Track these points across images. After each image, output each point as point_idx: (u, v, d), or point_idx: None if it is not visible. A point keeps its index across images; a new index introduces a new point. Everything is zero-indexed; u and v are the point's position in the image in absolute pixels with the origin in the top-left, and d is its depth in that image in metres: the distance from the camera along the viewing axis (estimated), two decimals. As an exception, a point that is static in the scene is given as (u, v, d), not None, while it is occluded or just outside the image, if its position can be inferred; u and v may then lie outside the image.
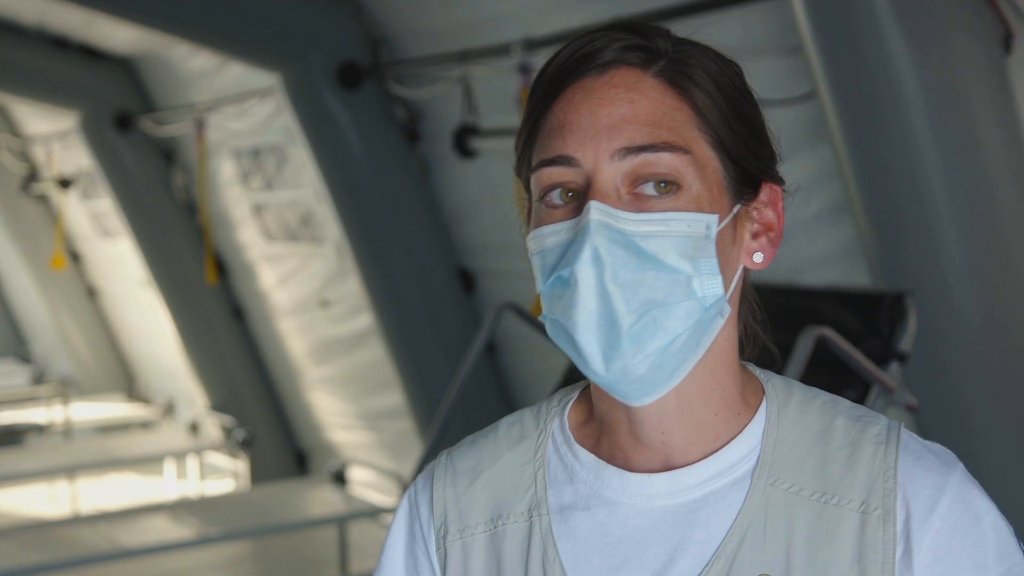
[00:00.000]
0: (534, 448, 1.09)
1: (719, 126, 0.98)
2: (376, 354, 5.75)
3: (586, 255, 0.94)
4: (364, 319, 5.76)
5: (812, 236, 3.53)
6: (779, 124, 1.03)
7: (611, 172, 0.96)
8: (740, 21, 3.40)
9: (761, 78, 1.03)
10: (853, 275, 3.42)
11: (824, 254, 3.54)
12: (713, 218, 0.97)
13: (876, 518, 0.97)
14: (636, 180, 0.96)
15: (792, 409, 1.04)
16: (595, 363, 0.96)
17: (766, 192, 1.03)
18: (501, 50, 4.15)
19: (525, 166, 1.03)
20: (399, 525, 1.13)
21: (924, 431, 3.04)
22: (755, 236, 1.03)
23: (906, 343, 2.86)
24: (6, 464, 6.46)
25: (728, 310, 0.99)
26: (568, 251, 0.96)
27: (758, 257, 1.02)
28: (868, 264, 3.19)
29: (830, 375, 2.75)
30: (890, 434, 1.01)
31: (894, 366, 2.85)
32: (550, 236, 0.98)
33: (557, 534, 1.05)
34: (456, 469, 1.11)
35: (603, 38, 0.99)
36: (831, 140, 3.06)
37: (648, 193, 0.96)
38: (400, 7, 4.77)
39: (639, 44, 0.99)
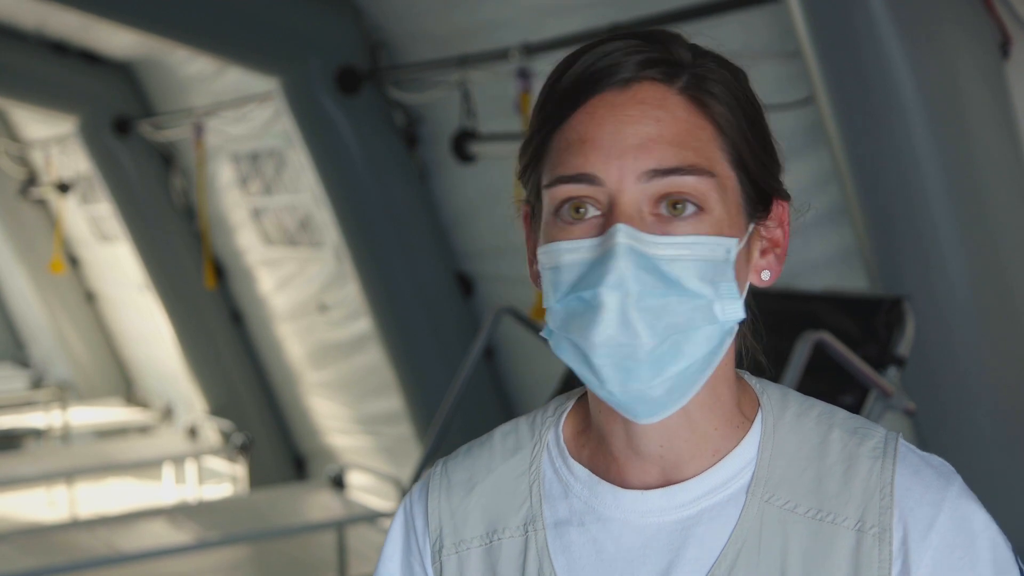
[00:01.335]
0: (529, 460, 1.08)
1: (739, 143, 0.97)
2: (375, 358, 5.75)
3: (612, 279, 0.92)
4: (363, 323, 5.76)
5: (810, 240, 3.53)
6: (777, 129, 1.03)
7: (636, 194, 0.93)
8: (740, 25, 3.40)
9: (760, 82, 1.03)
10: (851, 279, 3.42)
11: (822, 258, 3.54)
12: (733, 242, 0.96)
13: (872, 536, 0.96)
14: (660, 202, 0.94)
15: (787, 421, 1.03)
16: (612, 385, 0.95)
17: (775, 209, 1.02)
18: (500, 55, 4.15)
19: (533, 176, 1.00)
20: (395, 536, 1.12)
21: (921, 435, 3.04)
22: (763, 253, 1.02)
23: (904, 347, 2.86)
24: (4, 468, 6.45)
25: (736, 329, 0.98)
26: (590, 272, 0.93)
27: (765, 275, 1.02)
28: (866, 268, 3.19)
29: (828, 380, 2.75)
30: (887, 447, 1.00)
31: (892, 370, 2.85)
32: (567, 253, 0.95)
33: (552, 550, 1.03)
34: (451, 481, 1.10)
35: (621, 49, 0.96)
36: (829, 144, 3.06)
37: (671, 215, 0.94)
38: (399, 12, 4.78)
39: (660, 57, 0.96)
